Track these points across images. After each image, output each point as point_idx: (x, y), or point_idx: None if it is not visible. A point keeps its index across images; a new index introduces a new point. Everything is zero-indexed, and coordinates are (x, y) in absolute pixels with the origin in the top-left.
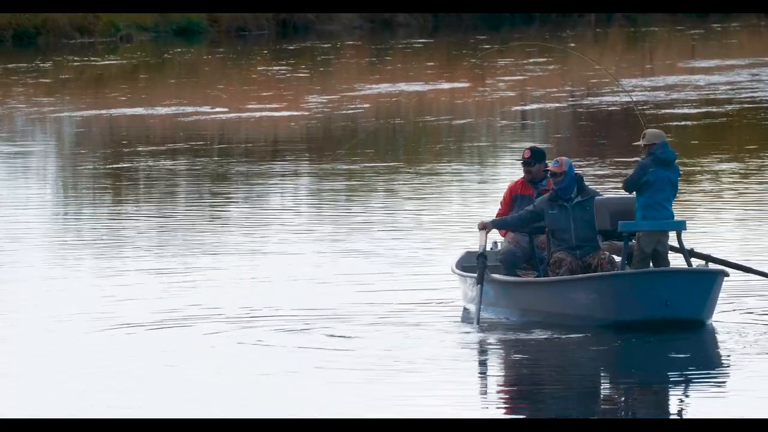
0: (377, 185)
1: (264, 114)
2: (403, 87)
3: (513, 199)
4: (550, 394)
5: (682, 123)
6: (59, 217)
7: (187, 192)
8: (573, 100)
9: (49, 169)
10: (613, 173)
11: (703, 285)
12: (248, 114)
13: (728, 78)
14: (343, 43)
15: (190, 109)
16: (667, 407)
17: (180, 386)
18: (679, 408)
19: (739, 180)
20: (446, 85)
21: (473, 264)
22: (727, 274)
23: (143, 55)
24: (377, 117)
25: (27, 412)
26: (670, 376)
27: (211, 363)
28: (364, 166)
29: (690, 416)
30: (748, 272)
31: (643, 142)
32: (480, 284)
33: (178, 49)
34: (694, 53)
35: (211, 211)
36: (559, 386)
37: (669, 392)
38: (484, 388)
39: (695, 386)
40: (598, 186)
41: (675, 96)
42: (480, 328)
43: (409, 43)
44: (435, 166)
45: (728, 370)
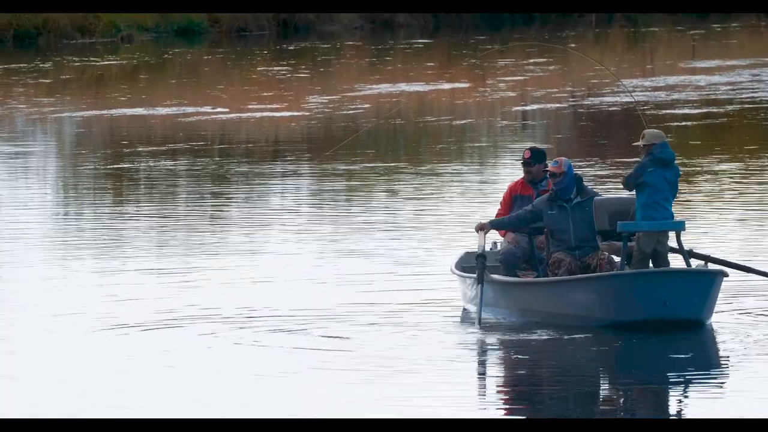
0: (377, 185)
1: (264, 114)
2: (403, 87)
3: (513, 199)
4: (550, 395)
5: (683, 123)
6: (59, 217)
7: (187, 192)
8: (573, 101)
9: (49, 169)
10: (613, 174)
11: (703, 285)
12: (249, 114)
13: (729, 78)
14: (343, 43)
15: (190, 109)
16: (667, 407)
17: (180, 386)
18: (679, 408)
19: (740, 180)
20: (447, 86)
21: (473, 264)
22: (727, 275)
23: (144, 55)
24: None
25: (27, 412)
26: (670, 377)
27: (211, 363)
28: (364, 166)
29: (690, 416)
30: (749, 272)
31: (642, 142)
32: (480, 284)
33: (178, 49)
34: (694, 53)
35: (212, 212)
36: (558, 386)
37: (669, 392)
38: (483, 388)
39: (695, 386)
40: (598, 186)
41: (675, 96)
42: (480, 328)
43: (410, 43)
44: (435, 167)
45: (728, 370)
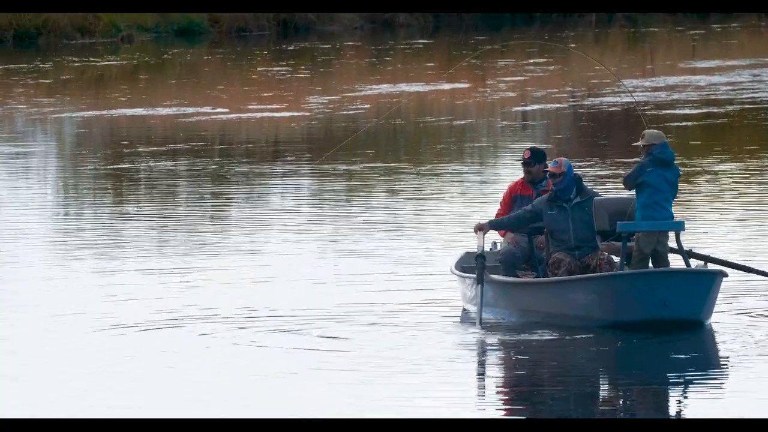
0: (377, 185)
1: (265, 114)
2: (403, 87)
3: (513, 199)
4: (550, 395)
5: (683, 123)
6: (59, 217)
7: (187, 192)
8: (573, 101)
9: (49, 169)
10: (613, 174)
11: (702, 285)
12: (249, 114)
13: (729, 78)
14: (343, 43)
15: (190, 109)
16: (667, 407)
17: (180, 386)
18: (679, 408)
19: (740, 180)
20: (447, 86)
21: (472, 264)
22: (726, 275)
23: (144, 55)
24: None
25: (27, 412)
26: (670, 377)
27: (210, 363)
28: (364, 166)
29: (690, 416)
30: (749, 272)
31: (642, 142)
32: (480, 285)
33: (178, 49)
34: (694, 54)
35: (212, 212)
36: (559, 387)
37: (669, 393)
38: (483, 388)
39: (695, 386)
40: (598, 186)
41: (676, 96)
42: (481, 328)
43: (410, 43)
44: (435, 167)
45: (728, 370)
